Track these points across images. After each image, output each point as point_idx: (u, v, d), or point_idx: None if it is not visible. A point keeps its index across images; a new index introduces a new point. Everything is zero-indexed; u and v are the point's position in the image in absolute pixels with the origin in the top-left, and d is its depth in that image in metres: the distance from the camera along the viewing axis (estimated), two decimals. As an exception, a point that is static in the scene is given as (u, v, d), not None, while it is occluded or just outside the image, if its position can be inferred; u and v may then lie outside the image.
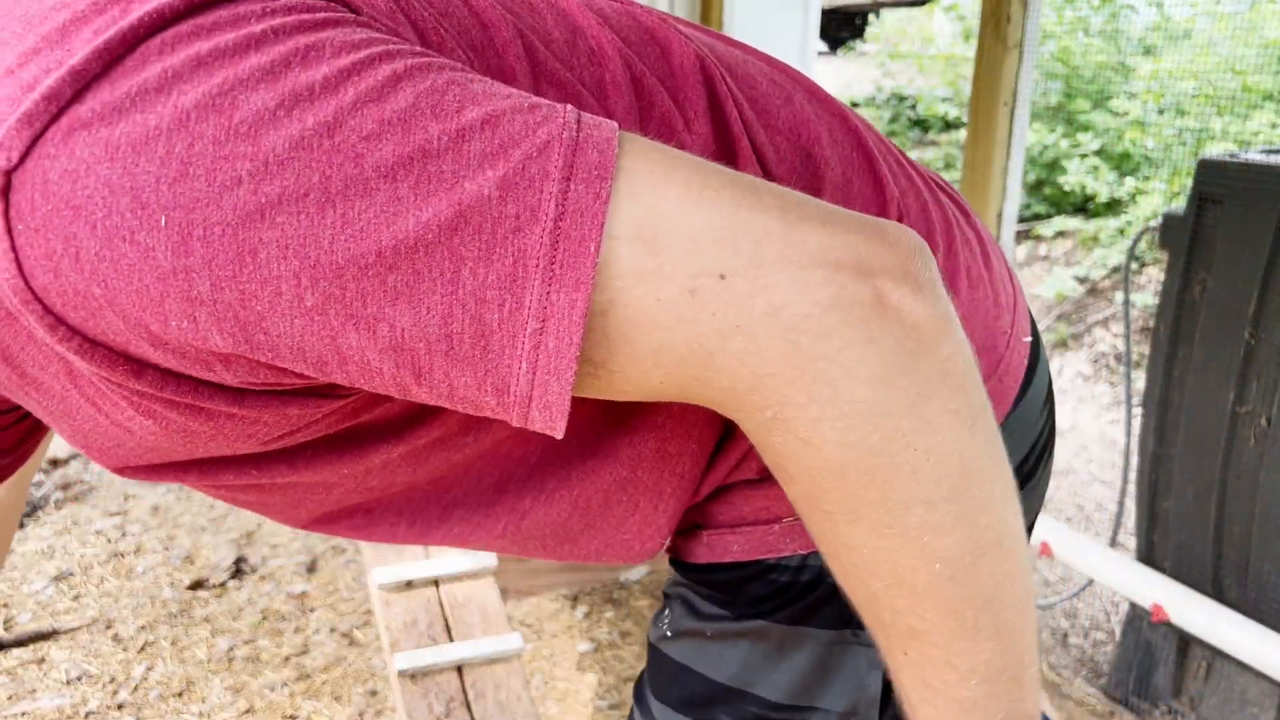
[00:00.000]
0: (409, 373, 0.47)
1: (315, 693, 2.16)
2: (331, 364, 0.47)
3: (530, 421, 0.48)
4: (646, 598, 2.62)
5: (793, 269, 0.46)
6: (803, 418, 0.47)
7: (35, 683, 2.16)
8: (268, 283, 0.44)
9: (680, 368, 0.47)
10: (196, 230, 0.43)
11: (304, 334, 0.45)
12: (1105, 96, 5.47)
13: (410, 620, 1.59)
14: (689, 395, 0.50)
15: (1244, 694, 2.01)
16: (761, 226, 0.46)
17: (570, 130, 0.46)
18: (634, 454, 0.66)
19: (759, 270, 0.45)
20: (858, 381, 0.46)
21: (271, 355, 0.46)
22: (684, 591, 0.76)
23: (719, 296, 0.45)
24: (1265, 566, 1.92)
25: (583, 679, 2.26)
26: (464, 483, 0.68)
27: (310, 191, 0.43)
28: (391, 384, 0.48)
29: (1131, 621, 2.24)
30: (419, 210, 0.44)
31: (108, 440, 0.57)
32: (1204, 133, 4.62)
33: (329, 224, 0.43)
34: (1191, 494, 2.05)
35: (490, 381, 0.46)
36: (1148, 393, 2.14)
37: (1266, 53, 4.42)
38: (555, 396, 0.46)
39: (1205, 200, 1.99)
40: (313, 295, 0.44)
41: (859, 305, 0.46)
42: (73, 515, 2.94)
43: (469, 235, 0.44)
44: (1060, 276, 5.04)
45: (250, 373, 0.49)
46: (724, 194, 0.47)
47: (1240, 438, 1.95)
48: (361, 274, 0.44)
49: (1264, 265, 1.89)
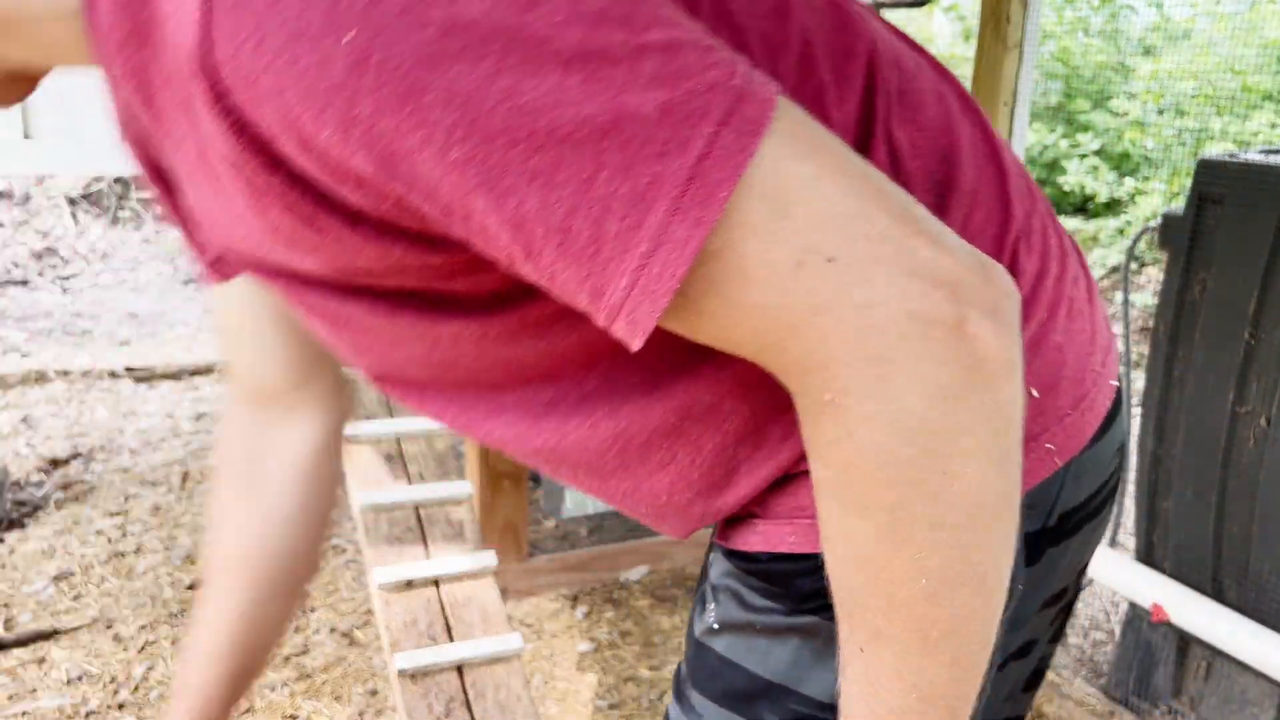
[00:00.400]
0: (521, 249, 0.50)
1: (315, 692, 2.16)
2: (456, 215, 0.50)
3: (614, 329, 0.50)
4: (647, 597, 2.62)
5: (896, 273, 0.48)
6: (858, 411, 0.49)
7: (36, 682, 2.16)
8: (424, 126, 0.46)
9: (763, 328, 0.50)
10: (376, 56, 0.45)
11: (441, 182, 0.48)
12: (1105, 97, 5.47)
13: (410, 620, 1.59)
14: (761, 357, 0.52)
15: (1244, 694, 2.01)
16: (881, 225, 0.49)
17: (739, 80, 0.48)
18: (687, 403, 0.67)
19: (865, 264, 0.48)
20: (918, 394, 0.48)
21: (405, 189, 0.49)
22: (733, 584, 0.76)
23: (822, 276, 0.48)
24: (1265, 566, 1.92)
25: (583, 679, 2.26)
26: (518, 391, 0.69)
27: (489, 55, 0.45)
28: (502, 252, 0.51)
29: (1131, 621, 2.24)
30: (580, 105, 0.46)
31: (219, 222, 0.62)
32: (1204, 133, 4.63)
33: (496, 91, 0.45)
34: (1191, 494, 2.05)
35: (590, 283, 0.49)
36: (1147, 392, 2.14)
37: (1266, 53, 4.43)
38: (643, 317, 0.49)
39: (1205, 200, 2.00)
40: (460, 150, 0.46)
41: (943, 325, 0.48)
42: (73, 515, 2.94)
43: (616, 145, 0.46)
44: (1059, 276, 5.05)
45: (377, 201, 0.52)
46: (856, 185, 0.50)
47: (1240, 438, 1.95)
48: (509, 147, 0.46)
49: (1264, 265, 1.89)
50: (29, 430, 3.59)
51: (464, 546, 1.72)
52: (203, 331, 5.20)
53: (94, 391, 4.02)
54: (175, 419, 3.77)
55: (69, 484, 3.16)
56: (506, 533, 2.52)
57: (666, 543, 2.78)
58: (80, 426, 3.65)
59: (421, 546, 1.71)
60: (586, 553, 2.66)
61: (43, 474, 3.22)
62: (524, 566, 2.57)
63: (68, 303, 5.80)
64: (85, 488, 3.13)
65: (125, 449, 3.45)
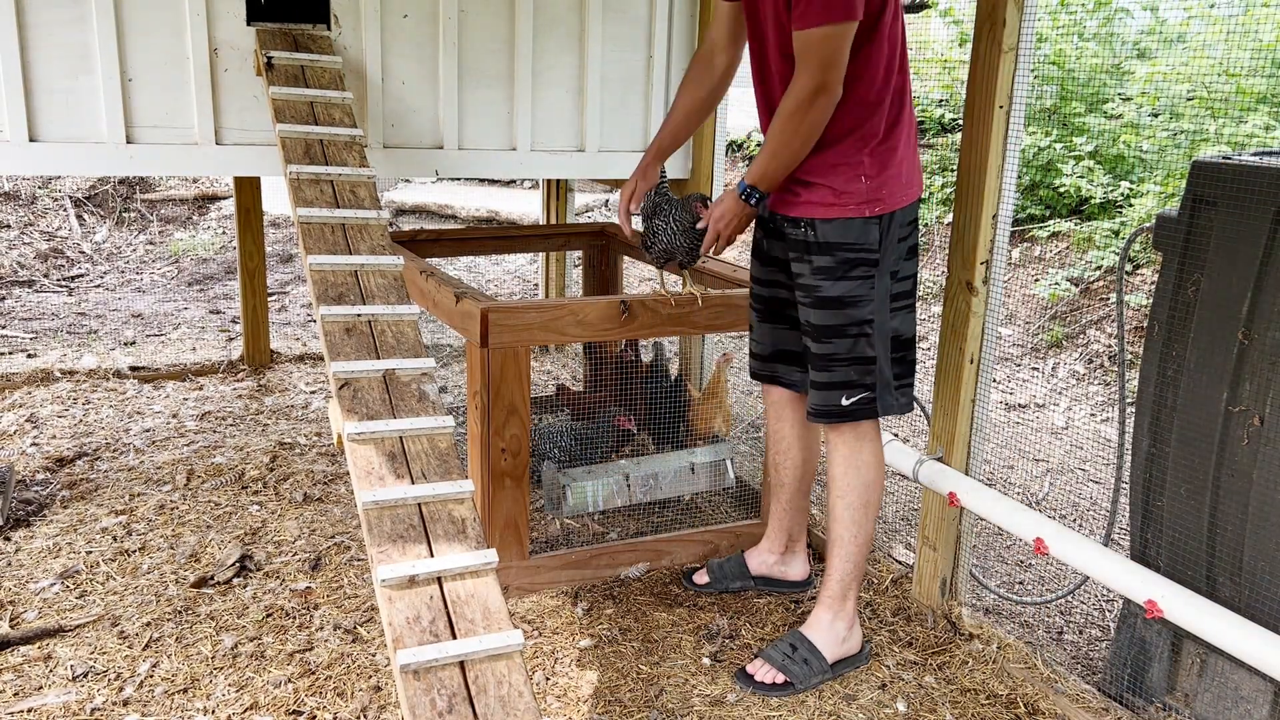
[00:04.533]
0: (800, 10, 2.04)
1: (319, 689, 2.18)
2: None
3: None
4: (647, 594, 2.64)
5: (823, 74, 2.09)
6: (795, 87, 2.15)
7: (42, 679, 2.18)
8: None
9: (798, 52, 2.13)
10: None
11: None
12: (1100, 100, 5.49)
13: (413, 616, 1.60)
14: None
15: (1237, 690, 2.03)
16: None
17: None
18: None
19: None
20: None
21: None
22: None
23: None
24: (1258, 564, 1.94)
25: (583, 675, 2.28)
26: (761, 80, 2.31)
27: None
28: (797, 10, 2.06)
29: (1126, 618, 2.26)
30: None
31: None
32: (1198, 135, 4.65)
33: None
34: (1185, 492, 2.07)
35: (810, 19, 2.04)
36: (1142, 392, 2.16)
37: (1260, 56, 4.45)
38: None
39: (1199, 202, 2.02)
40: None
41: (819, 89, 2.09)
42: (79, 514, 2.96)
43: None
44: (1054, 278, 5.07)
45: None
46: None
47: (1233, 437, 1.97)
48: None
49: (1257, 266, 1.91)
50: (35, 429, 3.61)
51: (466, 544, 1.74)
52: (207, 332, 5.23)
53: (99, 391, 4.05)
54: (180, 418, 3.79)
55: (74, 483, 3.18)
56: (508, 530, 2.54)
57: (666, 540, 2.80)
58: (86, 426, 3.67)
59: (424, 544, 1.72)
60: (587, 550, 2.68)
61: (48, 473, 3.24)
62: (525, 564, 2.59)
63: (73, 303, 5.82)
64: (91, 486, 3.15)
65: (130, 448, 3.48)
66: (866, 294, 2.20)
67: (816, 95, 2.05)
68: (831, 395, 2.26)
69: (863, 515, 2.33)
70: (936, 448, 2.53)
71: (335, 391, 1.94)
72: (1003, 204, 2.37)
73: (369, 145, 2.99)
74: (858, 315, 2.20)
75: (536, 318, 2.47)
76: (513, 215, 7.25)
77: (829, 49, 2.01)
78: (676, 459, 2.99)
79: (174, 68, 2.79)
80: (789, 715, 2.18)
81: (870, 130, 2.15)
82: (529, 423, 2.50)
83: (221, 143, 2.88)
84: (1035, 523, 2.22)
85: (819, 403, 2.28)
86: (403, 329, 2.10)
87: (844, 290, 2.19)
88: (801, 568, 2.72)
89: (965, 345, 2.43)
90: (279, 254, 6.90)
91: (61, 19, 2.67)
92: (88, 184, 7.52)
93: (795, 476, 2.60)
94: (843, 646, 2.34)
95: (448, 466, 1.86)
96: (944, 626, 2.54)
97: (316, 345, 4.83)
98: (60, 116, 2.72)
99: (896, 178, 2.19)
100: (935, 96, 6.48)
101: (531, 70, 3.19)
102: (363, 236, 2.29)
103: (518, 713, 1.51)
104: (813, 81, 2.04)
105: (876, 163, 2.16)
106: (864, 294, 2.19)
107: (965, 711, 2.21)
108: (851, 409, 2.25)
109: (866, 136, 2.15)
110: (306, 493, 3.17)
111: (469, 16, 3.09)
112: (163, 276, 6.55)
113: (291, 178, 2.39)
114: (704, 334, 3.43)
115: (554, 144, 3.31)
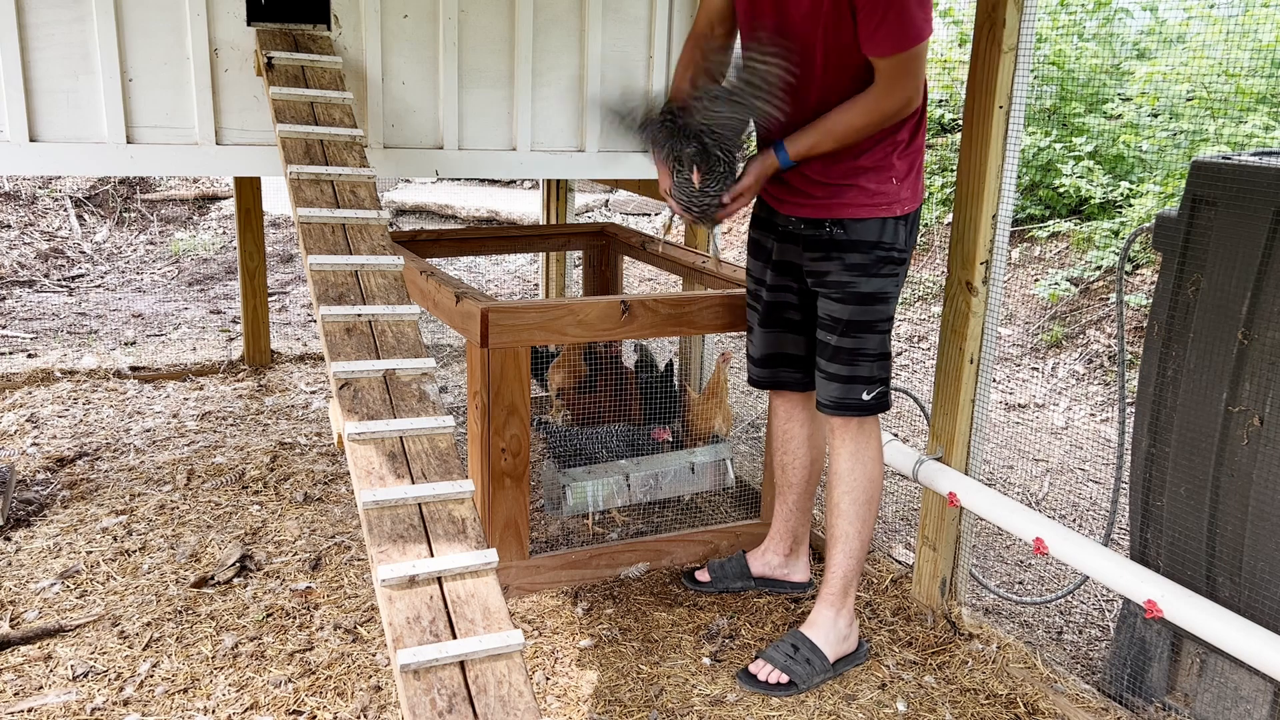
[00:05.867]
0: (869, 30, 2.08)
1: (320, 689, 2.18)
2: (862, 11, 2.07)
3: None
4: (647, 594, 2.64)
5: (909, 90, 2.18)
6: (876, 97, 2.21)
7: (42, 679, 2.18)
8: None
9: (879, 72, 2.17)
10: None
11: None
12: (1099, 100, 5.50)
13: (413, 616, 1.60)
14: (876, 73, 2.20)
15: (1237, 690, 2.03)
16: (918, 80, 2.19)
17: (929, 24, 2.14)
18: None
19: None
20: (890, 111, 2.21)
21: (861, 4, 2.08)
22: None
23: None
24: (1258, 564, 1.95)
25: (583, 675, 2.28)
26: (798, 96, 2.21)
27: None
28: (863, 29, 2.10)
29: (1125, 618, 2.26)
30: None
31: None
32: (1197, 135, 4.65)
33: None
34: (1185, 492, 2.07)
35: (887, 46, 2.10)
36: (1141, 392, 2.16)
37: (1260, 56, 4.45)
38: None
39: (1199, 202, 2.02)
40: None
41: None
42: (79, 514, 2.97)
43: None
44: (1054, 278, 5.07)
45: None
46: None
47: (1233, 437, 1.97)
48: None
49: (1256, 266, 1.91)
50: (35, 429, 3.62)
51: (466, 544, 1.74)
52: (207, 332, 5.23)
53: (100, 391, 4.05)
54: (180, 418, 3.79)
55: (75, 483, 3.18)
56: (508, 530, 2.54)
57: (666, 540, 2.80)
58: (86, 426, 3.68)
59: (424, 544, 1.72)
60: (587, 550, 2.69)
61: (49, 473, 3.24)
62: (525, 563, 2.60)
63: (73, 303, 5.82)
64: (91, 486, 3.16)
65: (131, 448, 3.48)
66: (893, 291, 2.28)
67: (901, 110, 2.16)
68: (853, 389, 2.28)
69: (866, 511, 2.34)
70: (936, 448, 2.54)
71: (335, 391, 1.94)
72: (1002, 204, 2.37)
73: (369, 145, 2.99)
74: (886, 311, 2.28)
75: (536, 318, 2.47)
76: (513, 215, 7.25)
77: (914, 68, 2.10)
78: (676, 459, 2.99)
79: (174, 68, 2.79)
80: (789, 715, 2.19)
81: (901, 135, 2.22)
82: (529, 422, 2.50)
83: (222, 143, 2.88)
84: (1035, 523, 2.23)
85: (839, 396, 2.30)
86: (403, 329, 2.10)
87: (876, 287, 2.25)
88: (804, 569, 2.72)
89: (965, 345, 2.44)
90: (279, 254, 6.90)
91: (62, 19, 2.67)
92: (88, 184, 7.53)
93: (803, 478, 2.61)
94: (843, 645, 2.35)
95: (448, 466, 1.86)
96: (944, 626, 2.54)
97: (317, 345, 4.84)
98: (61, 116, 2.72)
99: (919, 178, 2.29)
100: (935, 96, 6.48)
101: (531, 70, 3.19)
102: (363, 236, 2.29)
103: (518, 712, 1.51)
104: (902, 97, 2.13)
105: (905, 164, 2.24)
106: (891, 291, 2.28)
107: (965, 711, 2.21)
108: (871, 403, 2.30)
109: (897, 141, 2.22)
110: (307, 493, 3.18)
111: (469, 16, 3.09)
112: (163, 276, 6.55)
113: (292, 178, 2.39)
114: (704, 334, 3.43)
115: (554, 144, 3.31)
